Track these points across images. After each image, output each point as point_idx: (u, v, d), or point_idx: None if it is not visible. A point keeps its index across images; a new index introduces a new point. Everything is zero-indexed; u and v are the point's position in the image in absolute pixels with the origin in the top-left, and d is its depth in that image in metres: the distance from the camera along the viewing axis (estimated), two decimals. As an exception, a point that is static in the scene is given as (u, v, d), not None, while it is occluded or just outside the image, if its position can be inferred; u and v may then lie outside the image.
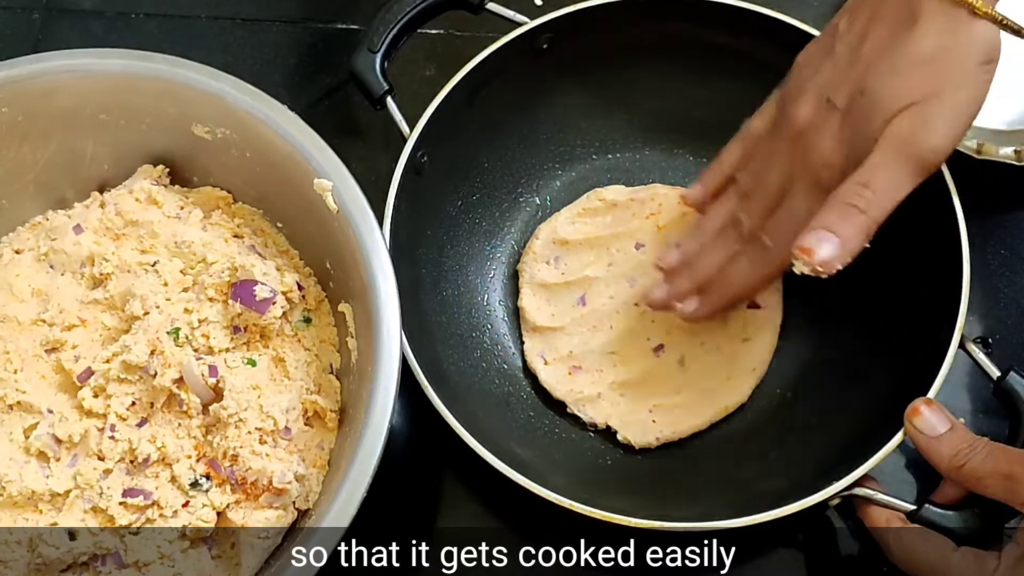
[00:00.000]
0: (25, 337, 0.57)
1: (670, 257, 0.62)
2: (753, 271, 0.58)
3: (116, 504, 0.52)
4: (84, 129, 0.60)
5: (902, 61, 0.50)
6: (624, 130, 0.70)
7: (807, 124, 0.54)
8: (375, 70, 0.63)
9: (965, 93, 0.50)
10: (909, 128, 0.50)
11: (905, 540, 0.52)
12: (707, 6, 0.65)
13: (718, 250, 0.60)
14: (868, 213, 0.50)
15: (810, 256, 0.50)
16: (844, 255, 0.50)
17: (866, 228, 0.50)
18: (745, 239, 0.58)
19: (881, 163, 0.50)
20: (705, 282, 0.60)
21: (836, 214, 0.50)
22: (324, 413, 0.56)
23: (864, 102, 0.51)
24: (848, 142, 0.52)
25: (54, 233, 0.59)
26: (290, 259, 0.60)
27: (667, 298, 0.61)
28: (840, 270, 0.51)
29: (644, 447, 0.62)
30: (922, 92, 0.50)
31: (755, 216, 0.57)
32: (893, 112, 0.50)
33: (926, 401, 0.54)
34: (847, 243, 0.50)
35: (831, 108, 0.53)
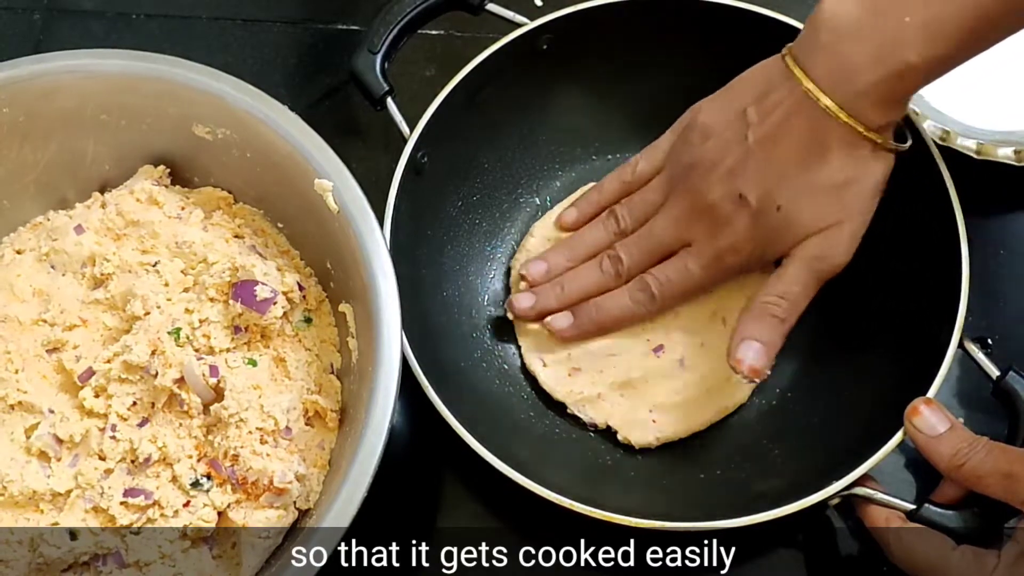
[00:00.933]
0: (26, 337, 0.57)
1: (536, 269, 0.64)
2: (633, 310, 0.62)
3: (117, 504, 0.53)
4: (85, 129, 0.60)
5: (814, 188, 0.56)
6: (623, 131, 0.70)
7: (717, 205, 0.58)
8: (375, 71, 0.63)
9: (862, 219, 0.57)
10: (819, 250, 0.57)
11: (905, 539, 0.52)
12: (706, 7, 0.65)
13: (591, 277, 0.63)
14: (786, 321, 0.58)
15: (741, 364, 0.57)
16: (768, 359, 0.57)
17: (783, 333, 0.58)
18: (624, 278, 0.62)
19: (794, 278, 0.57)
20: (572, 304, 0.63)
21: (760, 324, 0.58)
22: (325, 413, 0.56)
23: (779, 218, 0.57)
24: (757, 240, 0.58)
25: (55, 233, 0.59)
26: (291, 259, 0.60)
27: (533, 311, 0.63)
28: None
29: (644, 447, 0.62)
30: (831, 219, 0.56)
31: (636, 260, 0.62)
32: (805, 234, 0.57)
33: (926, 400, 0.54)
34: (770, 348, 0.57)
35: (743, 202, 0.57)
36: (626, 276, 0.62)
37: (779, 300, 0.57)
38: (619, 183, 0.65)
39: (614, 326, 0.63)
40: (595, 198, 0.66)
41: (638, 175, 0.64)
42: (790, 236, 0.57)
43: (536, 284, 0.64)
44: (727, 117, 0.59)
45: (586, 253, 0.64)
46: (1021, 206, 0.68)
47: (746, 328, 0.58)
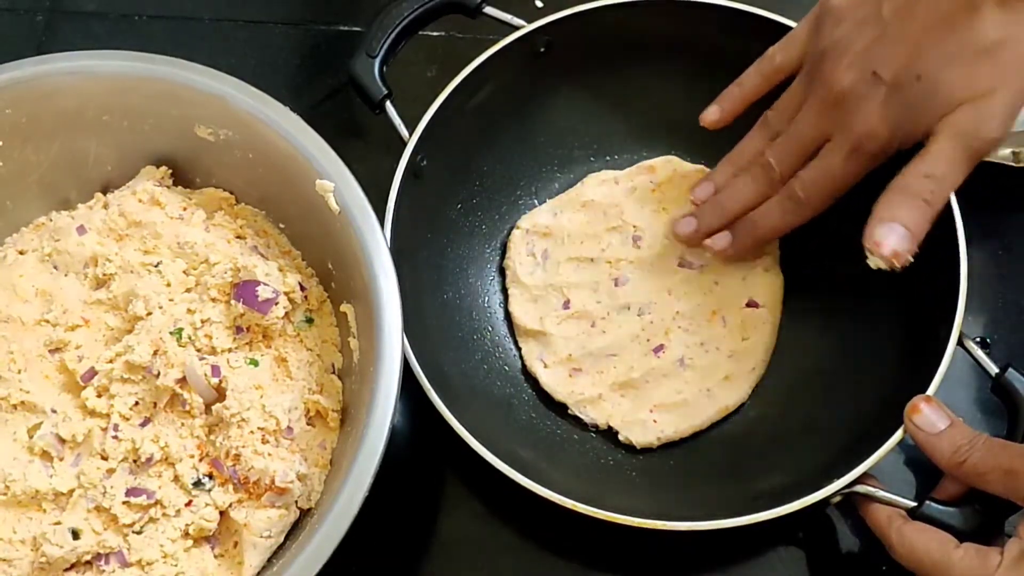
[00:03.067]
0: (29, 337, 0.57)
1: (702, 191, 0.63)
2: (783, 218, 0.59)
3: (119, 503, 0.53)
4: (87, 130, 0.60)
5: (963, 51, 0.50)
6: (622, 133, 0.70)
7: (848, 91, 0.54)
8: (374, 75, 0.63)
9: (1019, 87, 0.51)
10: (971, 122, 0.51)
11: (907, 537, 0.52)
12: (705, 8, 0.65)
13: (747, 188, 0.61)
14: (932, 203, 0.51)
15: (881, 248, 0.51)
16: (913, 245, 0.51)
17: (931, 217, 0.52)
18: (776, 183, 0.59)
19: (943, 154, 0.51)
20: (733, 219, 0.61)
21: (904, 206, 0.51)
22: (326, 413, 0.56)
23: (920, 88, 0.52)
24: (895, 119, 0.53)
25: (58, 234, 0.59)
26: (292, 260, 0.60)
27: (695, 233, 0.62)
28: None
29: (645, 447, 0.62)
30: (983, 87, 0.50)
31: (785, 164, 0.58)
32: (953, 104, 0.51)
33: (925, 398, 0.54)
34: (916, 234, 0.51)
35: (877, 81, 0.53)
36: (780, 180, 0.59)
37: (925, 179, 0.51)
38: (759, 76, 0.62)
39: (773, 236, 0.61)
40: (737, 93, 0.63)
41: (777, 67, 0.61)
42: (935, 108, 0.51)
43: (700, 200, 0.62)
44: None
45: (741, 165, 0.62)
46: (1019, 207, 0.68)
47: (887, 209, 0.52)
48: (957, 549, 0.51)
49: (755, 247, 0.62)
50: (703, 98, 0.68)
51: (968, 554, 0.51)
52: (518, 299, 0.66)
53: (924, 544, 0.52)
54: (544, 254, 0.67)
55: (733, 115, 0.63)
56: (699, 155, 0.69)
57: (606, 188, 0.68)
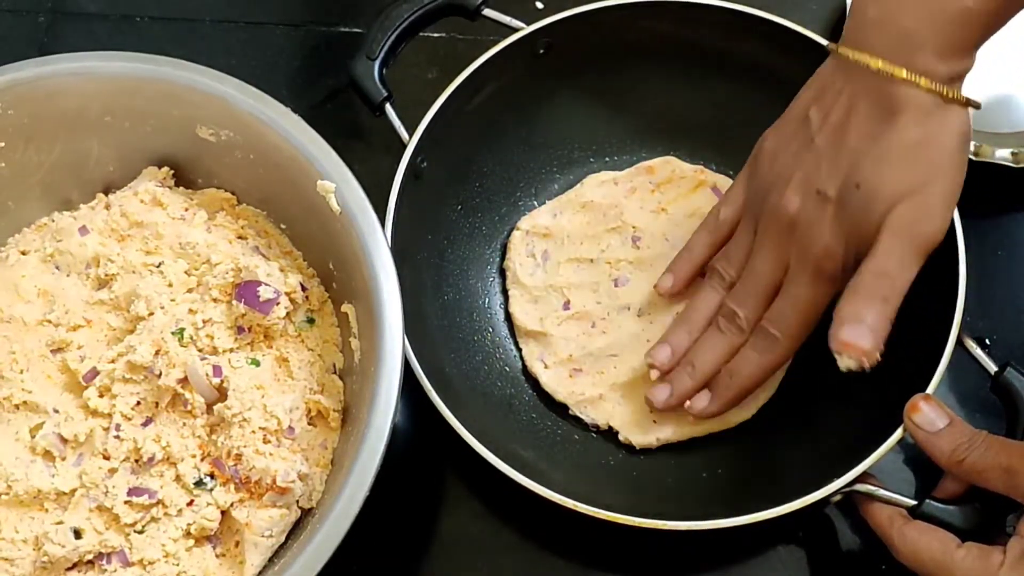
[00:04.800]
0: (31, 337, 0.57)
1: (661, 355, 0.61)
2: (763, 361, 0.58)
3: (121, 503, 0.53)
4: (89, 131, 0.60)
5: (892, 153, 0.52)
6: (621, 134, 0.70)
7: (798, 214, 0.55)
8: (374, 77, 0.63)
9: (952, 177, 0.53)
10: (911, 216, 0.52)
11: (909, 537, 0.52)
12: (705, 10, 0.65)
13: (716, 343, 0.59)
14: (889, 300, 0.52)
15: (851, 349, 0.51)
16: (878, 343, 0.52)
17: (890, 314, 0.52)
18: (745, 330, 0.59)
19: (891, 251, 0.52)
20: (708, 378, 0.60)
21: (863, 306, 0.52)
22: (327, 413, 0.56)
23: (860, 195, 0.53)
24: (846, 233, 0.54)
25: (60, 234, 0.60)
26: (293, 260, 0.60)
27: (673, 400, 0.60)
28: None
29: (645, 447, 0.62)
30: (915, 181, 0.52)
31: (750, 307, 0.58)
32: (892, 203, 0.52)
33: (925, 397, 0.54)
34: (879, 331, 0.52)
35: (823, 199, 0.54)
36: (748, 327, 0.58)
37: (879, 278, 0.52)
38: (707, 236, 0.62)
39: (756, 385, 0.59)
40: (687, 257, 0.63)
41: (723, 222, 0.61)
42: (877, 211, 0.53)
43: (665, 369, 0.61)
44: (790, 131, 0.57)
45: (704, 321, 0.61)
46: (1018, 207, 0.68)
47: (847, 311, 0.52)
48: (959, 549, 0.51)
49: (738, 400, 0.60)
50: (702, 99, 0.68)
51: (970, 554, 0.51)
52: (518, 300, 0.66)
53: (926, 544, 0.52)
54: (544, 255, 0.67)
55: (686, 282, 0.63)
56: (698, 156, 0.69)
57: (606, 189, 0.68)
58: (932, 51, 0.51)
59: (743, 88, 0.67)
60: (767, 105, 0.61)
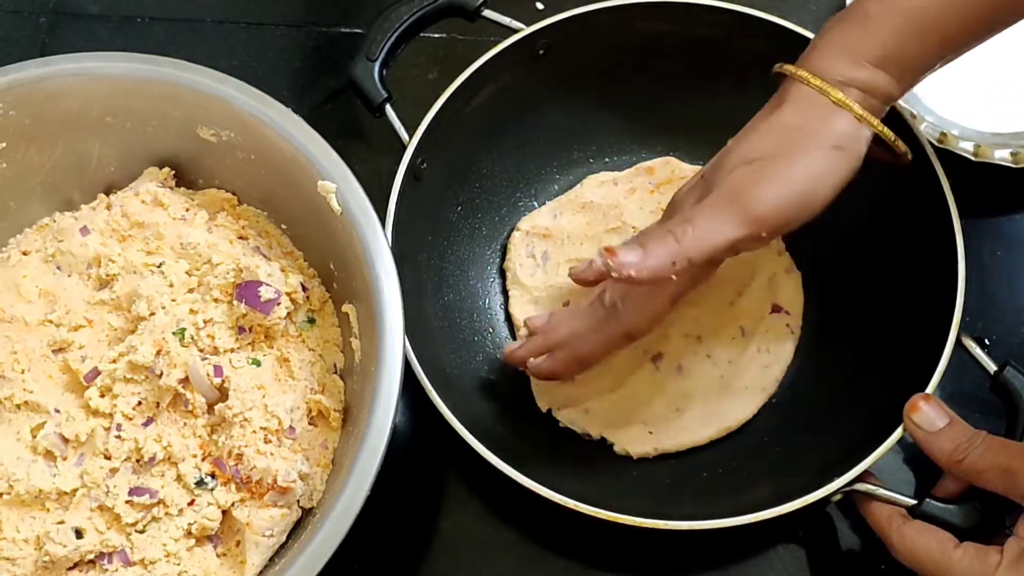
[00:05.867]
0: (32, 337, 0.57)
1: (537, 319, 0.61)
2: (596, 331, 0.58)
3: (122, 503, 0.53)
4: (90, 132, 0.60)
5: (759, 126, 0.54)
6: (621, 134, 0.70)
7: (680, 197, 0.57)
8: (373, 79, 0.63)
9: (807, 163, 0.52)
10: (744, 179, 0.52)
11: (907, 537, 0.52)
12: (704, 10, 0.65)
13: (580, 318, 0.59)
14: (680, 244, 0.51)
15: (611, 255, 0.51)
16: (642, 268, 0.51)
17: (673, 256, 0.51)
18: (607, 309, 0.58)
19: (709, 205, 0.52)
20: (557, 344, 0.59)
21: (651, 235, 0.53)
22: (328, 412, 0.56)
23: (719, 159, 0.54)
24: (700, 191, 0.55)
25: (61, 235, 0.60)
26: (294, 260, 0.60)
27: (523, 354, 0.60)
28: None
29: (642, 457, 0.62)
30: (767, 152, 0.52)
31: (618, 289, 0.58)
32: (734, 166, 0.53)
33: (924, 397, 0.54)
34: (649, 258, 0.51)
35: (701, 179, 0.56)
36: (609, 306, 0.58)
37: (683, 222, 0.52)
38: None
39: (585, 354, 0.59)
40: None
41: None
42: (721, 171, 0.53)
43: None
44: None
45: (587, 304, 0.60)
46: (1017, 207, 0.68)
47: (640, 234, 0.55)
48: (957, 549, 0.51)
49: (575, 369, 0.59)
50: (702, 100, 0.68)
51: (968, 553, 0.51)
52: (519, 300, 0.66)
53: (924, 543, 0.52)
54: (544, 256, 0.67)
55: None
56: (697, 157, 0.69)
57: (605, 190, 0.68)
58: (831, 52, 0.53)
59: (743, 89, 0.67)
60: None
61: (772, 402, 0.63)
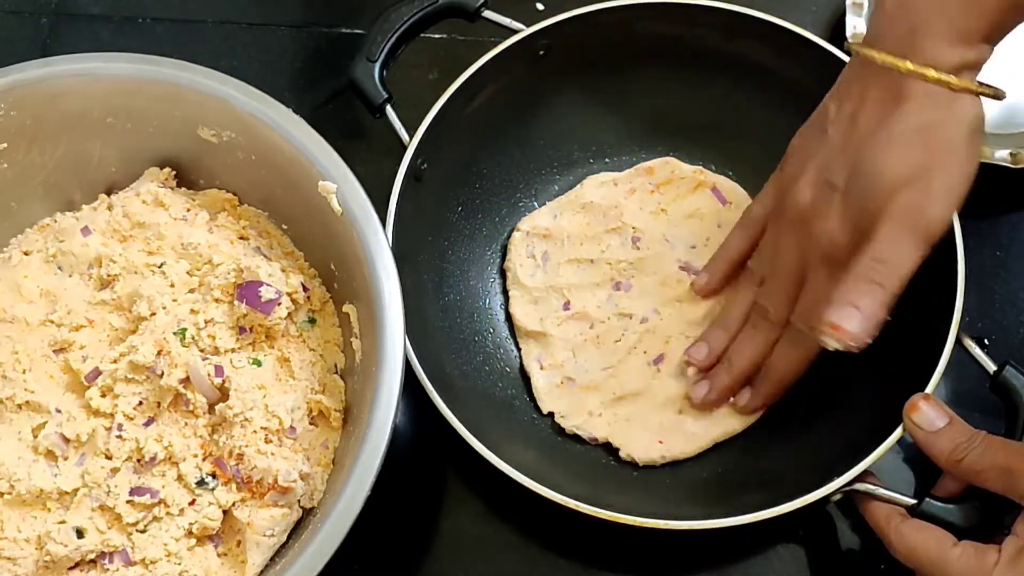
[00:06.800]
0: (33, 337, 0.57)
1: (698, 354, 0.62)
2: (795, 354, 0.58)
3: (123, 502, 0.53)
4: (91, 132, 0.60)
5: (894, 140, 0.52)
6: (621, 135, 0.70)
7: (809, 207, 0.56)
8: (374, 79, 0.63)
9: (957, 164, 0.52)
10: (912, 202, 0.52)
11: (906, 536, 0.53)
12: (704, 11, 0.65)
13: (752, 340, 0.60)
14: (886, 286, 0.52)
15: (839, 332, 0.51)
16: (870, 327, 0.51)
17: (885, 300, 0.52)
18: (776, 324, 0.59)
19: (889, 237, 0.52)
20: (746, 376, 0.61)
21: (856, 290, 0.52)
22: (329, 412, 0.56)
23: (863, 181, 0.53)
24: (852, 220, 0.54)
25: (62, 235, 0.60)
26: (295, 260, 0.61)
27: (712, 395, 0.61)
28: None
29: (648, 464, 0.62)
30: (917, 167, 0.52)
31: (778, 303, 0.59)
32: (893, 188, 0.52)
33: (924, 396, 0.54)
34: (871, 316, 0.51)
35: (831, 189, 0.55)
36: (779, 321, 0.59)
37: (876, 264, 0.52)
38: (741, 234, 0.63)
39: (794, 378, 0.60)
40: (723, 255, 0.64)
41: (755, 220, 0.62)
42: (878, 196, 0.52)
43: (703, 367, 0.62)
44: (812, 127, 0.58)
45: (739, 320, 0.61)
46: (1017, 207, 0.69)
47: (843, 293, 0.52)
48: (955, 547, 0.51)
49: (779, 393, 0.60)
50: (702, 100, 0.69)
51: (966, 552, 0.51)
52: (519, 301, 0.66)
53: (922, 542, 0.52)
54: (544, 256, 0.67)
55: (722, 280, 0.64)
56: (697, 157, 0.69)
57: (605, 190, 0.69)
58: (940, 39, 0.51)
59: (742, 89, 0.68)
60: (767, 106, 0.61)
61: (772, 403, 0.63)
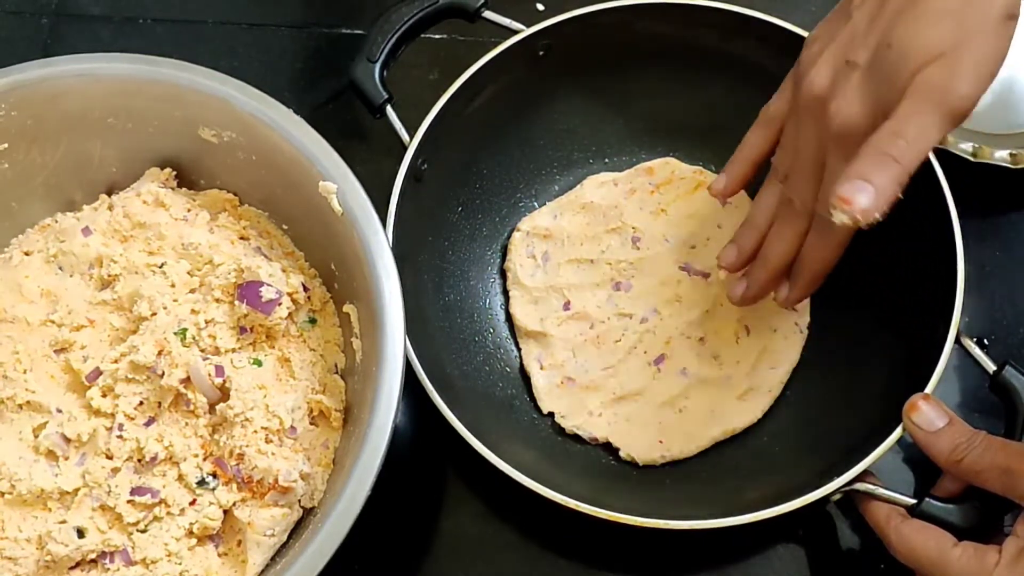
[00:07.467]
0: (34, 337, 0.57)
1: (729, 256, 0.61)
2: (827, 243, 0.56)
3: (124, 502, 0.53)
4: (92, 132, 0.60)
5: (928, 14, 0.50)
6: (621, 135, 0.70)
7: (825, 90, 0.53)
8: (374, 80, 0.63)
9: (990, 44, 0.50)
10: (939, 77, 0.49)
11: (905, 536, 0.53)
12: (704, 12, 0.65)
13: (783, 234, 0.58)
14: (902, 162, 0.49)
15: (849, 205, 0.49)
16: (881, 204, 0.49)
17: (900, 177, 0.49)
18: (803, 214, 0.57)
19: (913, 112, 0.50)
20: (781, 269, 0.59)
21: (871, 163, 0.49)
22: (329, 412, 0.56)
23: (891, 54, 0.51)
24: (873, 95, 0.52)
25: (63, 235, 0.60)
26: (295, 260, 0.61)
27: (750, 292, 0.60)
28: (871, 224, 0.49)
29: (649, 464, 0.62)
30: (949, 42, 0.50)
31: (803, 193, 0.56)
32: (922, 62, 0.50)
33: (924, 396, 0.54)
34: (883, 192, 0.49)
35: (851, 67, 0.52)
36: (805, 210, 0.57)
37: (894, 138, 0.49)
38: (758, 133, 0.60)
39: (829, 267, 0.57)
40: (740, 157, 0.61)
41: (772, 117, 0.59)
42: (906, 70, 0.50)
43: (733, 269, 0.61)
44: (833, 16, 0.55)
45: (767, 217, 0.60)
46: (1016, 207, 0.69)
47: (856, 167, 0.49)
48: (955, 548, 0.51)
49: (815, 284, 0.59)
50: (701, 101, 0.69)
51: (966, 553, 0.51)
52: (519, 301, 0.66)
53: (922, 543, 0.52)
54: (544, 256, 0.67)
55: (741, 181, 0.61)
56: (697, 157, 0.70)
57: (605, 190, 0.69)
58: None
59: (742, 90, 0.67)
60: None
61: (772, 401, 0.63)
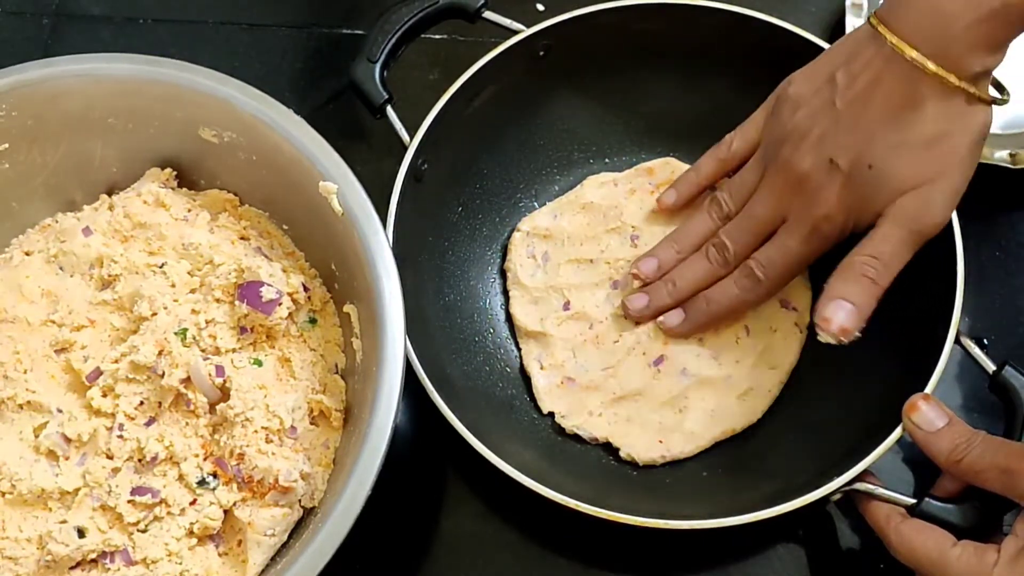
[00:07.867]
0: (35, 338, 0.57)
1: (647, 267, 0.64)
2: (742, 298, 0.61)
3: (124, 502, 0.53)
4: (93, 133, 0.60)
5: (908, 143, 0.54)
6: (620, 135, 0.70)
7: (807, 175, 0.57)
8: (374, 80, 0.63)
9: (963, 175, 0.55)
10: (914, 208, 0.54)
11: (905, 535, 0.53)
12: (704, 12, 0.65)
13: (700, 268, 0.62)
14: (878, 282, 0.55)
15: (829, 324, 0.54)
16: (859, 321, 0.54)
17: (876, 295, 0.55)
18: (731, 264, 0.61)
19: (889, 237, 0.55)
20: (685, 298, 0.62)
21: (851, 284, 0.55)
22: (329, 412, 0.56)
23: (871, 176, 0.55)
24: (849, 204, 0.56)
25: (63, 235, 0.60)
26: (296, 261, 0.61)
27: (648, 311, 0.63)
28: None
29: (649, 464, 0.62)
30: (926, 175, 0.54)
31: (741, 243, 0.60)
32: (898, 191, 0.54)
33: (924, 396, 0.54)
34: (862, 310, 0.54)
35: (834, 168, 0.56)
36: (734, 262, 0.61)
37: (872, 260, 0.55)
38: (716, 162, 0.64)
39: (727, 316, 0.62)
40: (693, 179, 0.65)
41: (733, 153, 0.63)
42: (883, 195, 0.55)
43: (648, 281, 0.63)
44: (816, 85, 0.57)
45: (693, 244, 0.63)
46: (1016, 207, 0.69)
47: (835, 287, 0.55)
48: (954, 547, 0.51)
49: (708, 326, 0.63)
50: (701, 101, 0.69)
51: (965, 552, 0.51)
52: (519, 301, 0.66)
53: (922, 542, 0.52)
54: (544, 256, 0.67)
55: (689, 200, 0.65)
56: (697, 157, 0.69)
57: (605, 190, 0.69)
58: (967, 45, 0.52)
59: (742, 90, 0.67)
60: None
61: (772, 402, 0.63)
